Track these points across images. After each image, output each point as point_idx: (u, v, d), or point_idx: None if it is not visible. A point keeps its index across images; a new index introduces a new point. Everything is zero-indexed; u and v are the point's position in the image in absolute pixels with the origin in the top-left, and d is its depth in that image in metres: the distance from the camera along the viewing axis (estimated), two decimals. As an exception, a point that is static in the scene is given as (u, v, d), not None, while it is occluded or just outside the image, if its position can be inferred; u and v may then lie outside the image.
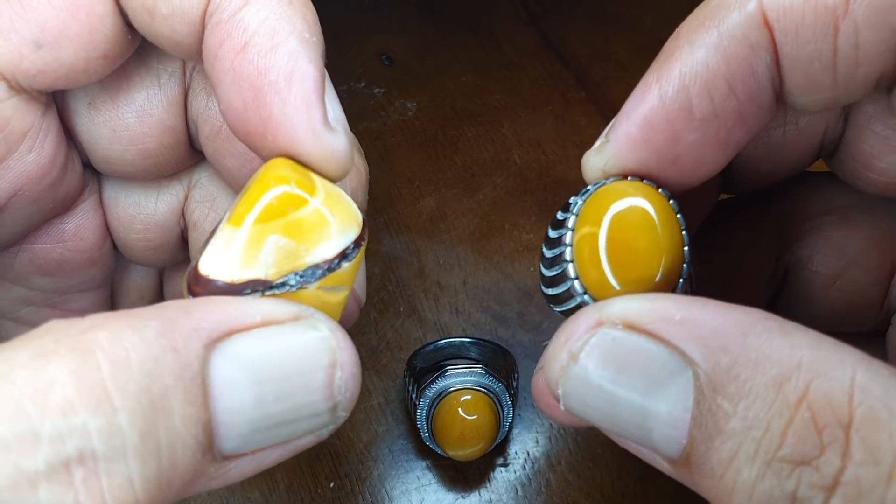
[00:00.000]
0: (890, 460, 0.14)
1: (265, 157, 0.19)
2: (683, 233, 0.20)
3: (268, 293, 0.17)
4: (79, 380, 0.14)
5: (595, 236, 0.19)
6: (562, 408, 0.18)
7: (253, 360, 0.16)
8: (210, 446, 0.15)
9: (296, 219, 0.18)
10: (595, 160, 0.20)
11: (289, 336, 0.16)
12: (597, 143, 0.20)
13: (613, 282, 0.19)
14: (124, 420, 0.14)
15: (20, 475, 0.13)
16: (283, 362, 0.16)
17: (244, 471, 0.16)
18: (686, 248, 0.19)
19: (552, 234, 0.20)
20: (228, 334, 0.16)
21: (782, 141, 0.24)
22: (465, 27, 0.48)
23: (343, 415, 0.17)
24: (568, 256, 0.19)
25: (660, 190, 0.20)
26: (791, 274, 0.25)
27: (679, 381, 0.16)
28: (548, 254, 0.20)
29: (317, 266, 0.18)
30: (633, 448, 0.18)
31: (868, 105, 0.21)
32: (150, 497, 0.14)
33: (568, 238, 0.19)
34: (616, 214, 0.19)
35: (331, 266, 0.18)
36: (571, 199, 0.20)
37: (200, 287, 0.17)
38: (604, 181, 0.20)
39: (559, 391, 0.18)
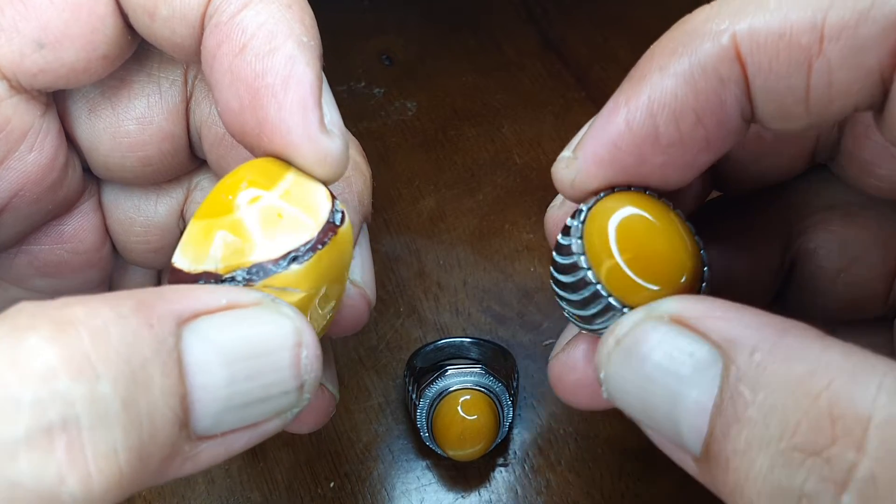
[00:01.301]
0: None
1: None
2: (689, 226, 0.20)
3: (220, 285, 0.18)
4: (60, 347, 0.13)
5: (616, 266, 0.19)
6: (604, 395, 0.19)
7: (223, 340, 0.16)
8: (186, 421, 0.15)
9: (242, 216, 0.18)
10: (564, 174, 0.21)
11: (255, 318, 0.17)
12: (566, 153, 0.21)
13: (650, 286, 0.19)
14: (107, 387, 0.14)
15: (0, 443, 0.13)
16: (251, 342, 0.16)
17: (215, 454, 0.16)
18: (697, 238, 0.20)
19: (561, 259, 0.20)
20: (196, 316, 0.16)
21: (773, 144, 0.24)
22: (465, 27, 0.48)
23: (308, 397, 0.17)
24: (603, 293, 0.19)
25: (646, 192, 0.20)
26: (797, 266, 0.25)
27: (711, 371, 0.16)
28: (575, 297, 0.20)
29: (261, 264, 0.18)
30: (663, 444, 0.18)
31: (864, 115, 0.21)
32: (132, 469, 0.14)
33: (591, 276, 0.20)
34: (625, 231, 0.19)
35: (277, 265, 0.18)
36: (567, 234, 0.20)
37: (171, 276, 0.18)
38: (595, 198, 0.20)
39: (602, 375, 0.19)
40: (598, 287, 0.19)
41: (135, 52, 0.22)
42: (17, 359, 0.13)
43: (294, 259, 0.18)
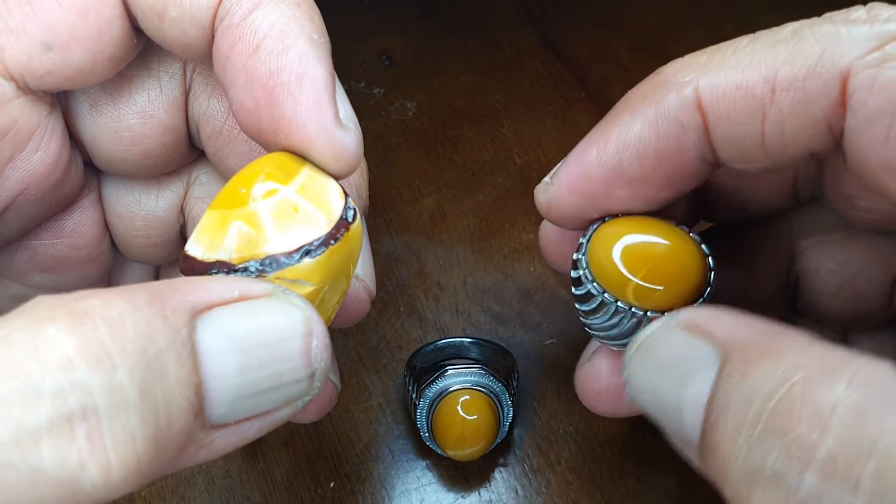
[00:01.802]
0: (871, 440, 0.14)
1: None
2: (689, 232, 0.22)
3: (231, 275, 0.18)
4: (78, 338, 0.14)
5: (640, 287, 0.21)
6: (627, 394, 0.20)
7: (235, 330, 0.16)
8: (201, 410, 0.16)
9: (258, 208, 0.18)
10: (542, 197, 0.23)
11: (265, 308, 0.17)
12: (547, 178, 0.23)
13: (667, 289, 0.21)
14: (124, 376, 0.14)
15: (23, 431, 0.13)
16: (263, 332, 0.17)
17: (228, 442, 0.17)
18: (698, 239, 0.22)
19: (586, 306, 0.22)
20: (209, 307, 0.16)
21: (750, 178, 0.25)
22: (465, 27, 0.48)
23: (318, 385, 0.18)
24: (639, 311, 0.21)
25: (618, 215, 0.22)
26: (800, 285, 0.26)
27: (711, 368, 0.18)
28: (614, 331, 0.22)
29: (274, 257, 0.18)
30: (677, 442, 0.19)
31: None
32: (150, 456, 0.14)
33: (622, 305, 0.21)
34: (629, 254, 0.21)
35: (290, 258, 0.18)
36: (580, 285, 0.22)
37: (183, 263, 0.18)
38: (593, 228, 0.22)
39: (624, 376, 0.20)
40: (634, 309, 0.21)
41: None
42: (37, 349, 0.13)
43: (307, 253, 0.18)
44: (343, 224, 0.19)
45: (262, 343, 0.17)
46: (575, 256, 0.22)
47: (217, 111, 0.24)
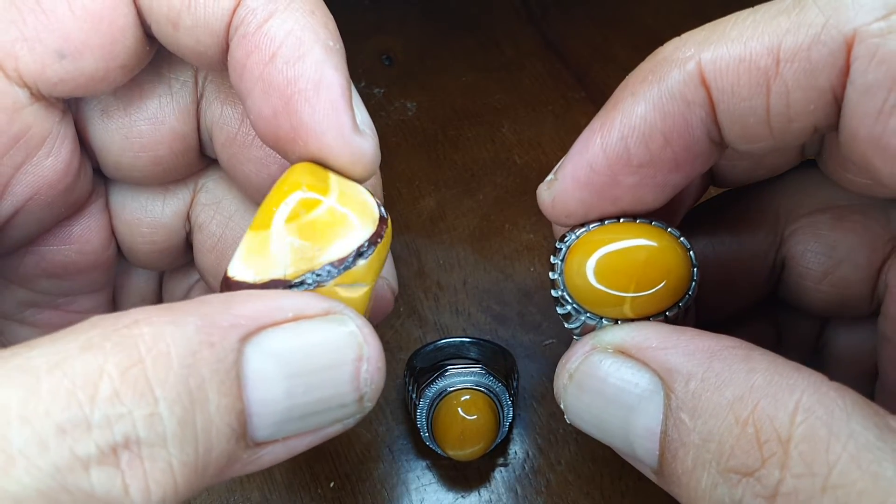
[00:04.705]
0: (825, 473, 0.15)
1: (293, 162, 0.20)
2: (673, 231, 0.21)
3: (289, 290, 0.18)
4: (124, 372, 0.15)
5: (637, 299, 0.21)
6: (567, 420, 0.21)
7: (284, 354, 0.17)
8: (243, 434, 0.16)
9: (309, 220, 0.18)
10: (545, 195, 0.22)
11: (318, 331, 0.17)
12: (550, 175, 0.22)
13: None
14: (164, 409, 0.15)
15: (75, 458, 0.14)
16: (312, 356, 0.17)
17: (277, 456, 0.17)
18: (683, 240, 0.21)
19: (569, 325, 0.22)
20: (262, 329, 0.17)
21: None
22: (465, 27, 0.48)
23: (369, 405, 0.18)
24: (604, 324, 0.21)
25: (638, 220, 0.22)
26: (786, 266, 0.26)
27: (655, 399, 0.18)
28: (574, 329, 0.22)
29: (331, 265, 0.18)
30: (626, 457, 0.20)
31: None
32: (187, 480, 0.15)
33: (606, 320, 0.21)
34: (603, 264, 0.21)
35: (346, 264, 0.18)
36: (562, 303, 0.22)
37: (226, 289, 0.18)
38: (577, 234, 0.22)
39: (562, 405, 0.21)
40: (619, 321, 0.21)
41: None
42: (87, 380, 0.14)
43: (360, 255, 0.19)
44: (384, 221, 0.20)
45: (311, 369, 0.17)
46: (552, 276, 0.22)
47: (230, 118, 0.24)
